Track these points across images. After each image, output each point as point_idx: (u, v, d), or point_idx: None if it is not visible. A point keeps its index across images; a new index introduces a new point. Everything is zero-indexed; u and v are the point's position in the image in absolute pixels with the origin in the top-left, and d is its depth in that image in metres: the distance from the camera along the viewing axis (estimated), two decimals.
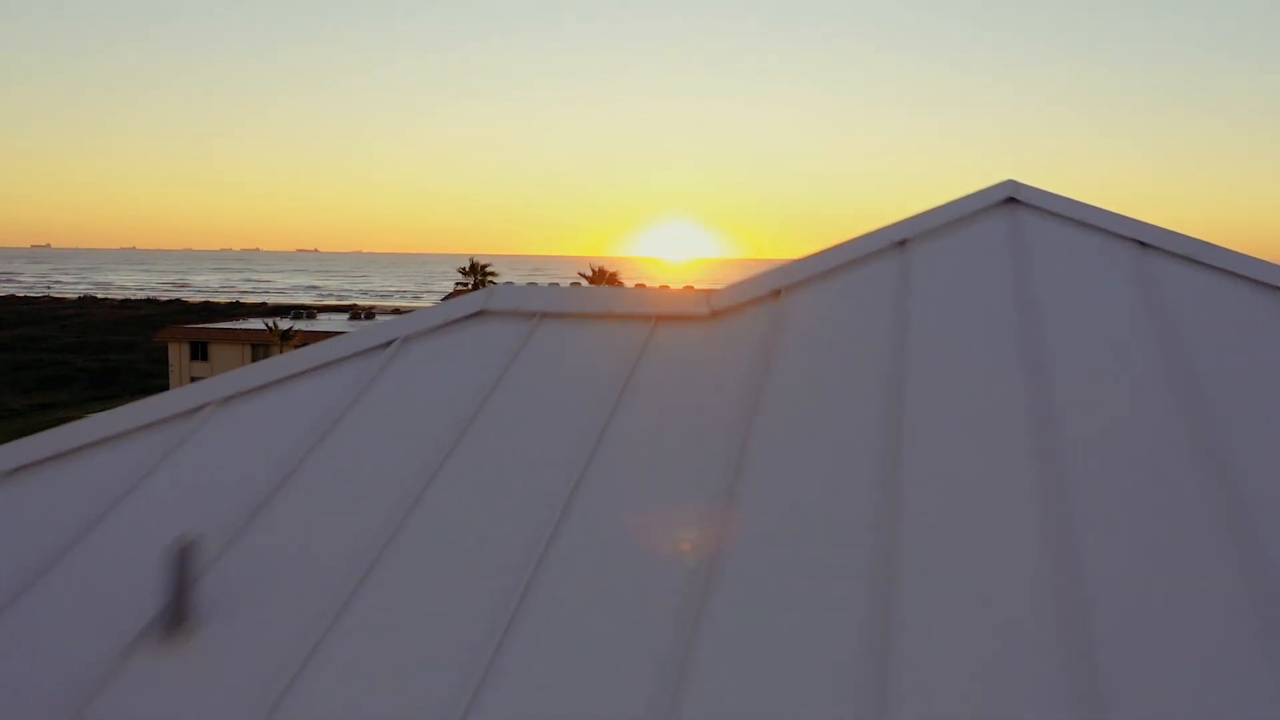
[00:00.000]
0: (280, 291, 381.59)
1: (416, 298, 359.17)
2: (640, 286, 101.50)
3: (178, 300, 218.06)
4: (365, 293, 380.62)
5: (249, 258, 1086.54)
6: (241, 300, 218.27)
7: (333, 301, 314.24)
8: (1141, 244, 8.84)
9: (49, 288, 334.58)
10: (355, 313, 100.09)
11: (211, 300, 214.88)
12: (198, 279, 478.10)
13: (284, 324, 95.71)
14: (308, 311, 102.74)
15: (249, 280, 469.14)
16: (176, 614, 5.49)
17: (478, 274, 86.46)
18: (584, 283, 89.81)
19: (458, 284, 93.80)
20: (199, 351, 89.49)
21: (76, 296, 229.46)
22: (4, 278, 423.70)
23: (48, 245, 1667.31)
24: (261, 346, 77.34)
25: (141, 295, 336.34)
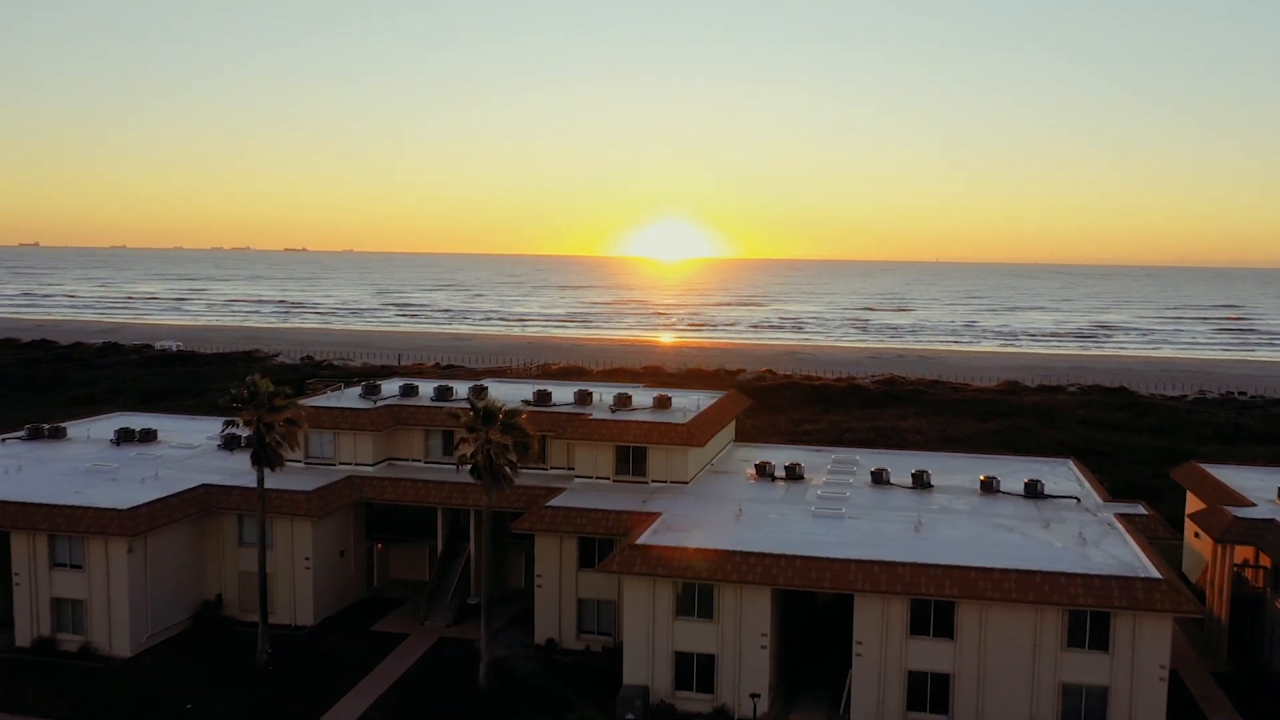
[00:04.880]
0: (225, 305, 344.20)
1: (373, 313, 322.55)
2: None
3: (43, 342, 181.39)
4: (319, 310, 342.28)
5: (232, 259, 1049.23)
6: (120, 342, 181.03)
7: (272, 322, 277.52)
8: None
9: None
10: (125, 435, 61.68)
11: (85, 343, 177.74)
12: (147, 287, 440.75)
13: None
14: (56, 430, 64.70)
15: (198, 290, 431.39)
16: None
17: (262, 407, 48.41)
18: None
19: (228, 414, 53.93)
20: None
21: None
22: None
23: (36, 244, 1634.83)
24: None
25: (65, 314, 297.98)
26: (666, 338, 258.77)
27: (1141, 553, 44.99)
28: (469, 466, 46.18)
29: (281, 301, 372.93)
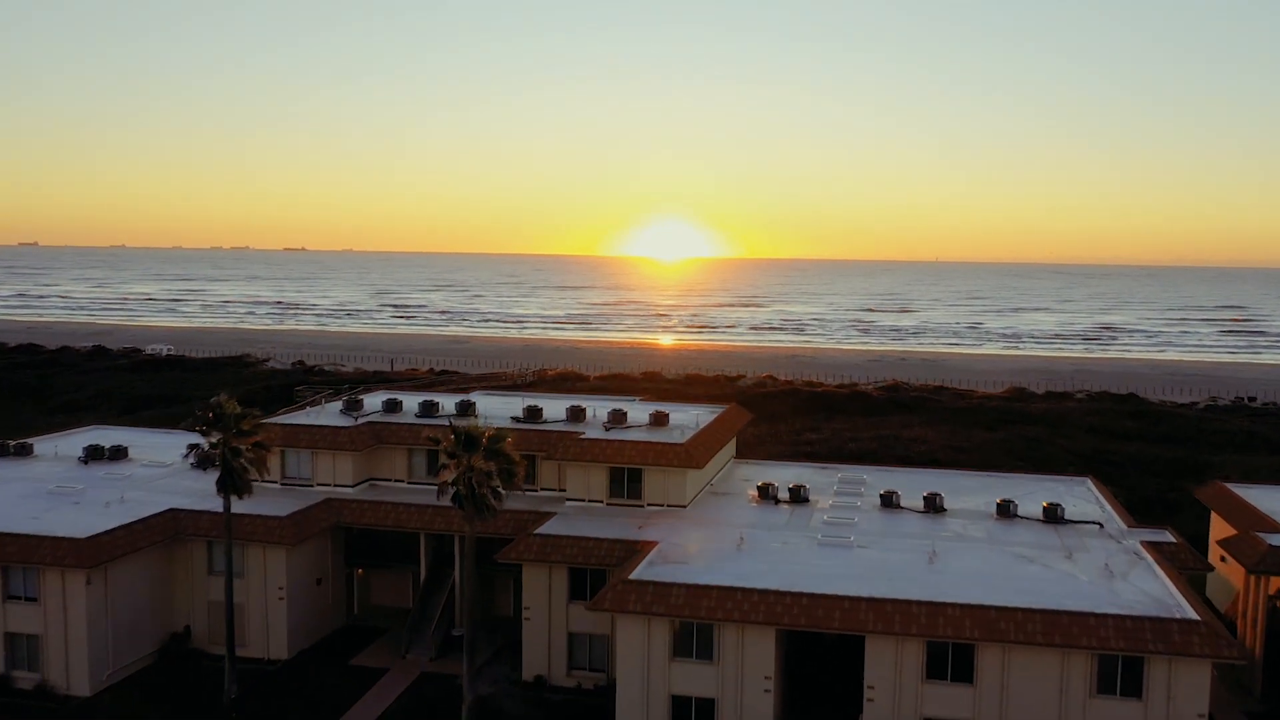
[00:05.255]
0: (220, 306, 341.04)
1: (369, 315, 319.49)
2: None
3: (30, 346, 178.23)
4: (315, 312, 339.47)
5: (231, 259, 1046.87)
6: (108, 346, 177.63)
7: (267, 324, 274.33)
8: None
9: None
10: (94, 453, 58.17)
11: (72, 347, 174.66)
12: (142, 288, 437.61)
13: None
14: (22, 446, 61.60)
15: (194, 291, 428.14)
16: None
17: (228, 430, 44.95)
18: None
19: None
20: None
21: None
22: None
23: (35, 244, 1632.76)
24: None
25: (58, 316, 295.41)
26: (666, 340, 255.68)
27: (1174, 588, 41.77)
28: (451, 493, 42.90)
29: (278, 303, 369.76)
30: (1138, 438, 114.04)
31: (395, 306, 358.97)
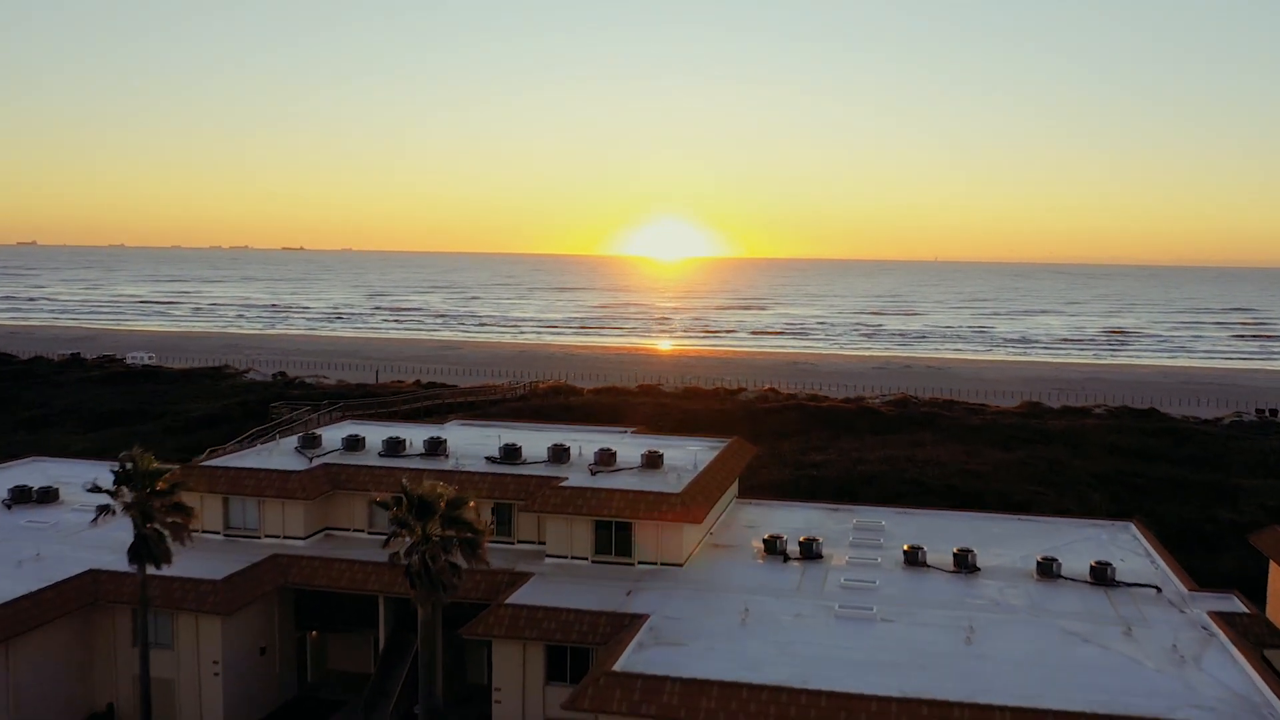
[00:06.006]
0: (211, 309, 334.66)
1: (362, 319, 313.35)
2: None
3: (1, 355, 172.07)
4: (308, 315, 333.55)
5: (229, 259, 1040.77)
6: (84, 356, 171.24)
7: (257, 328, 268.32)
8: None
9: None
10: (21, 495, 50.98)
11: (46, 356, 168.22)
12: (135, 290, 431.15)
13: None
14: None
15: (186, 292, 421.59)
16: None
17: (141, 489, 38.21)
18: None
19: None
20: None
21: None
22: None
23: (34, 243, 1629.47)
24: None
25: (42, 319, 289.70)
26: (664, 345, 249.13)
27: (1261, 681, 35.17)
28: (403, 566, 36.32)
29: (273, 305, 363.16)
30: (1161, 458, 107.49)
31: (389, 310, 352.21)
